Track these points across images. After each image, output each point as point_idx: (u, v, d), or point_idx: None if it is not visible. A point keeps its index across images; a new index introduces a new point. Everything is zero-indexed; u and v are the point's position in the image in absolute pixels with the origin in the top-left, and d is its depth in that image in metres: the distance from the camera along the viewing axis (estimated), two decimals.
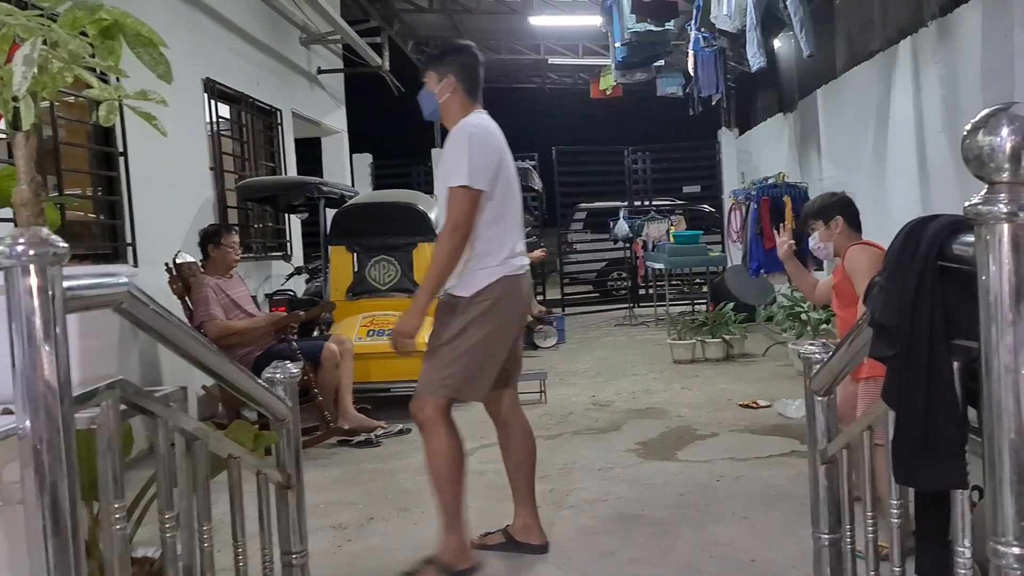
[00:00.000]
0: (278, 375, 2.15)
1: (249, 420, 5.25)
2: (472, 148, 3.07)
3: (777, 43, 8.69)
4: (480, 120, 3.24)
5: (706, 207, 13.31)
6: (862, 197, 6.93)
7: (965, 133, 1.15)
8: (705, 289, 11.17)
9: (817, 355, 2.06)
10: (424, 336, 3.28)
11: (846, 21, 7.56)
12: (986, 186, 1.15)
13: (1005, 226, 1.11)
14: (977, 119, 1.14)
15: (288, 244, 8.61)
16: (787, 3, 5.65)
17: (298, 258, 8.70)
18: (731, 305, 8.15)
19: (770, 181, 8.34)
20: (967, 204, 1.15)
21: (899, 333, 1.32)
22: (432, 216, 6.75)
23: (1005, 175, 1.11)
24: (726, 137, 11.93)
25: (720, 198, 11.98)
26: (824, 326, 6.84)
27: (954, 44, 5.26)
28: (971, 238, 1.24)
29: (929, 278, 1.29)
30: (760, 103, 11.25)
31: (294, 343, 5.31)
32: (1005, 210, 1.11)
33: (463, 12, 9.90)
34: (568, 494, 4.21)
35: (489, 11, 9.66)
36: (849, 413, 3.01)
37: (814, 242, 3.53)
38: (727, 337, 7.78)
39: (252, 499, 2.16)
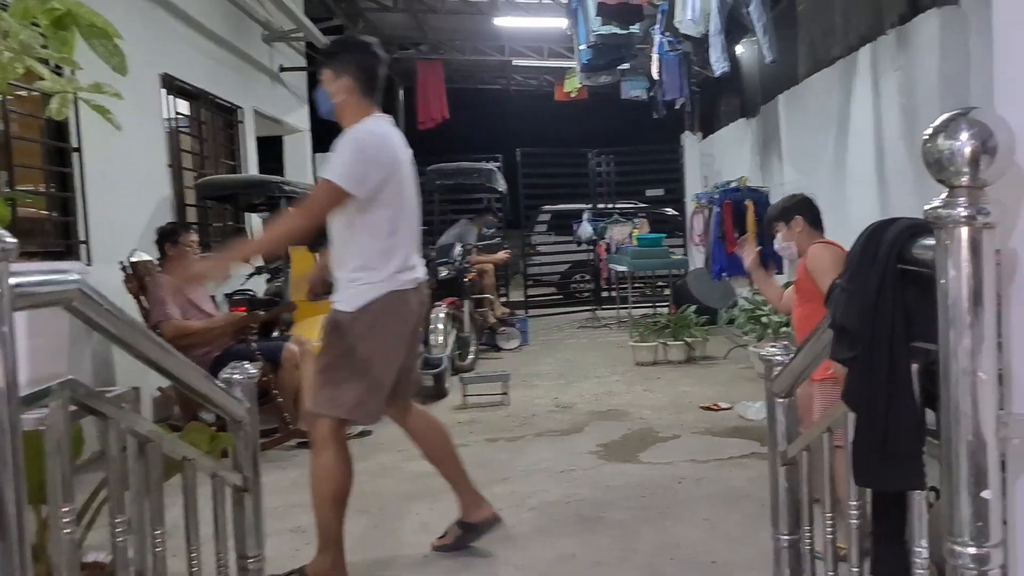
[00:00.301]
0: (236, 376, 2.11)
1: (206, 422, 5.17)
2: (356, 153, 2.98)
3: (740, 48, 8.77)
4: (376, 127, 3.13)
5: (669, 210, 13.40)
6: (823, 201, 6.99)
7: (926, 137, 1.15)
8: (667, 292, 11.24)
9: (778, 357, 2.07)
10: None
11: (808, 28, 7.65)
12: (945, 190, 1.16)
13: (964, 229, 1.12)
14: (937, 123, 1.14)
15: None
16: (750, 9, 5.70)
17: (258, 258, 8.58)
18: (693, 308, 8.20)
19: (732, 185, 8.41)
20: (927, 208, 1.16)
21: (860, 335, 1.33)
22: None
23: (964, 179, 1.12)
24: (689, 141, 12.02)
25: (683, 201, 12.07)
26: (784, 329, 6.92)
27: (913, 52, 5.35)
28: (931, 241, 1.24)
29: (889, 281, 1.30)
30: (723, 107, 11.34)
31: (253, 344, 5.24)
32: (964, 214, 1.12)
33: (428, 12, 9.86)
34: (530, 496, 4.20)
35: (454, 11, 9.63)
36: (806, 415, 3.04)
37: (778, 243, 3.59)
38: (689, 340, 7.84)
39: (209, 502, 2.12)
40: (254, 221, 8.55)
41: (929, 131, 1.15)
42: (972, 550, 1.14)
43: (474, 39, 11.30)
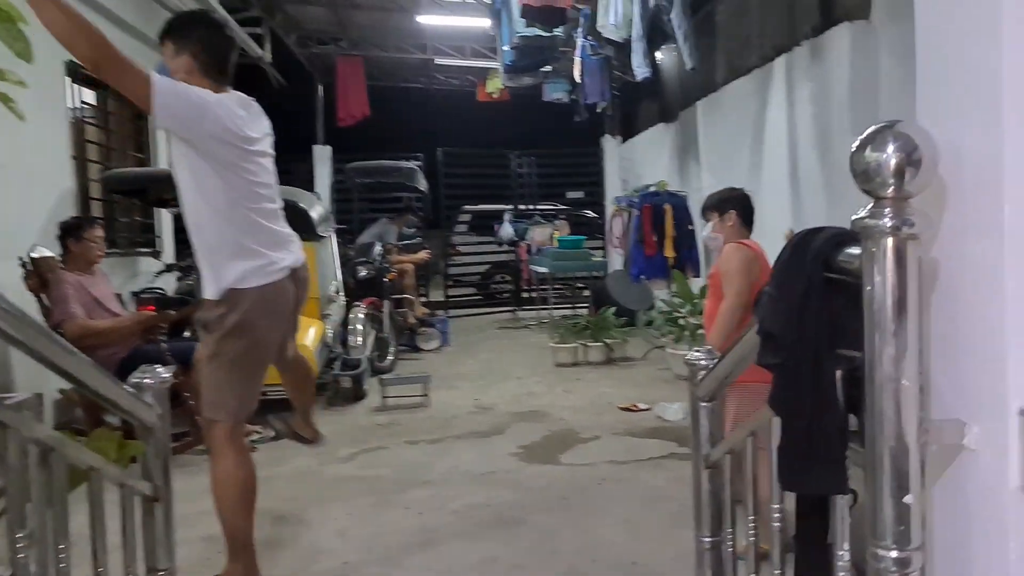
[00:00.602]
0: (146, 380, 2.01)
1: (112, 426, 4.97)
2: (183, 87, 2.74)
3: (659, 54, 8.92)
4: (228, 96, 2.91)
5: (589, 212, 13.54)
6: None
7: (853, 148, 1.17)
8: (587, 293, 11.35)
9: (703, 361, 2.09)
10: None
11: (726, 37, 7.83)
12: (870, 201, 1.18)
13: (889, 239, 1.14)
14: (865, 135, 1.16)
15: (158, 240, 8.20)
16: (671, 16, 5.79)
17: (169, 255, 8.29)
18: (613, 310, 8.29)
19: (652, 189, 8.55)
20: (854, 218, 1.18)
21: (786, 342, 1.35)
22: (314, 215, 6.58)
23: (890, 190, 1.14)
24: (609, 144, 12.17)
25: (603, 204, 12.20)
26: (700, 331, 7.07)
27: (825, 64, 5.53)
28: (855, 250, 1.27)
29: (815, 289, 1.32)
30: (642, 112, 11.52)
31: (163, 344, 5.05)
32: (890, 224, 1.14)
33: (349, 7, 9.70)
34: (451, 499, 4.17)
35: (377, 7, 9.50)
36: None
37: (707, 232, 3.64)
38: (608, 341, 7.92)
39: (116, 511, 2.01)
40: (164, 216, 8.26)
41: (856, 143, 1.17)
42: (894, 553, 1.16)
43: (396, 36, 11.19)
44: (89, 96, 6.95)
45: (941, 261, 1.23)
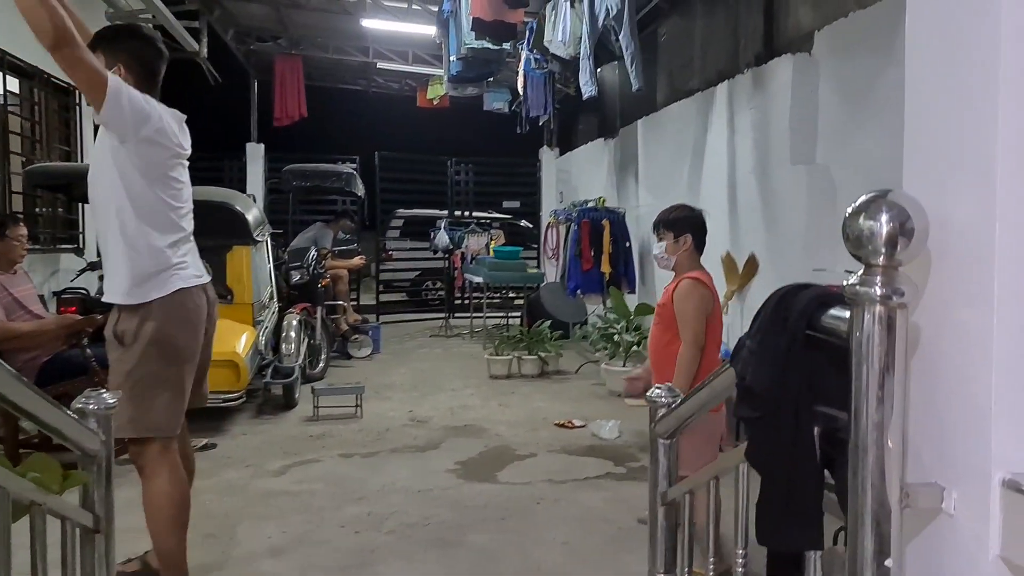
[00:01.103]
0: (91, 405, 1.91)
1: (29, 434, 4.74)
2: (130, 92, 2.76)
3: (601, 70, 9.02)
4: (162, 107, 2.93)
5: (524, 223, 13.57)
6: None
7: (847, 215, 1.18)
8: (518, 302, 11.37)
9: (664, 399, 2.10)
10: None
11: (668, 58, 7.96)
12: (862, 266, 1.19)
13: (879, 307, 1.16)
14: (858, 204, 1.17)
15: (81, 236, 7.89)
16: (619, 37, 5.85)
17: (92, 252, 7.99)
18: (548, 323, 8.32)
19: (590, 204, 8.61)
20: (845, 284, 1.19)
21: (768, 398, 1.36)
22: (250, 218, 6.42)
23: (881, 259, 1.15)
24: (547, 156, 12.24)
25: (539, 215, 12.26)
26: (635, 348, 7.15)
27: (767, 93, 5.66)
28: (840, 312, 1.28)
29: (798, 347, 1.33)
30: (582, 126, 11.63)
31: (87, 349, 4.83)
32: (880, 292, 1.15)
33: (291, 6, 9.51)
34: (388, 517, 4.10)
35: (320, 8, 9.34)
36: None
37: (659, 250, 3.51)
38: (543, 354, 7.94)
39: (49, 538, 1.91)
40: (87, 211, 7.95)
41: (850, 210, 1.18)
42: None
43: (338, 38, 11.02)
44: (13, 84, 6.64)
45: (923, 327, 1.25)
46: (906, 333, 1.17)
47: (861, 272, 1.19)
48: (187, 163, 3.07)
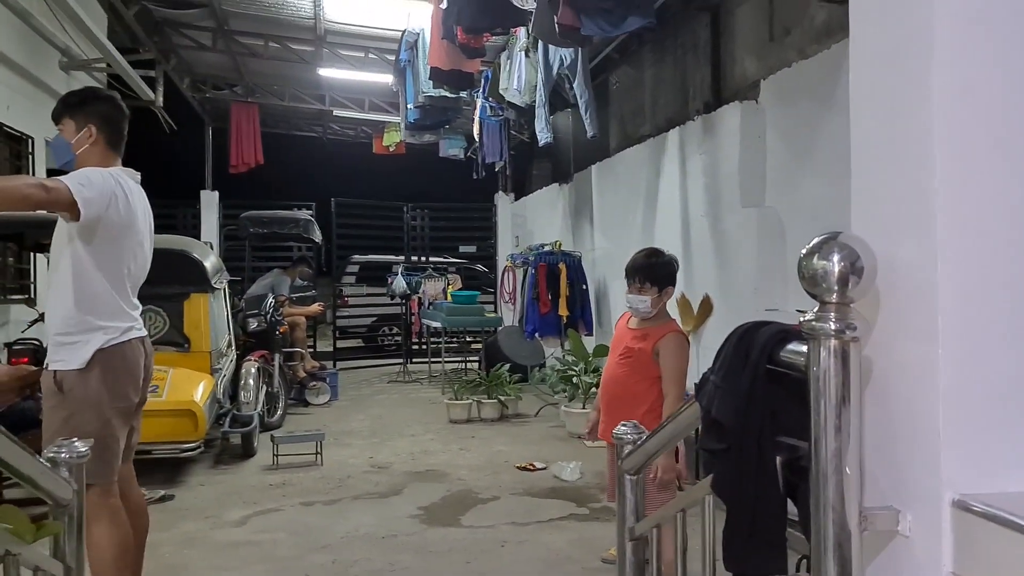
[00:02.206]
0: (63, 454, 1.91)
1: None
2: (89, 178, 2.86)
3: (554, 118, 9.21)
4: (116, 172, 3.04)
5: (480, 267, 13.66)
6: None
7: (801, 255, 1.27)
8: (477, 346, 11.40)
9: (629, 436, 2.16)
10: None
11: (620, 106, 8.18)
12: (817, 304, 1.27)
13: (833, 341, 1.24)
14: (812, 245, 1.26)
15: (32, 287, 7.75)
16: (573, 85, 6.01)
17: (44, 303, 7.85)
18: (507, 366, 8.35)
19: (547, 248, 8.73)
20: (802, 320, 1.27)
21: (732, 429, 1.43)
22: (207, 265, 6.39)
23: (834, 296, 1.24)
24: (502, 201, 12.39)
25: (495, 259, 12.36)
26: (594, 389, 7.22)
27: (716, 139, 5.85)
28: (798, 347, 1.36)
29: (760, 381, 1.41)
30: (536, 171, 11.83)
31: (42, 401, 4.75)
32: (834, 327, 1.23)
33: (247, 55, 9.58)
34: (352, 565, 4.07)
35: (277, 57, 9.42)
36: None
37: (643, 305, 3.42)
38: (502, 397, 7.96)
39: None
40: (40, 262, 7.83)
41: (804, 251, 1.26)
42: None
43: (294, 86, 11.11)
44: None
45: (874, 359, 1.33)
46: (859, 365, 1.25)
47: (816, 309, 1.27)
48: (138, 226, 3.08)
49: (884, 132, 1.33)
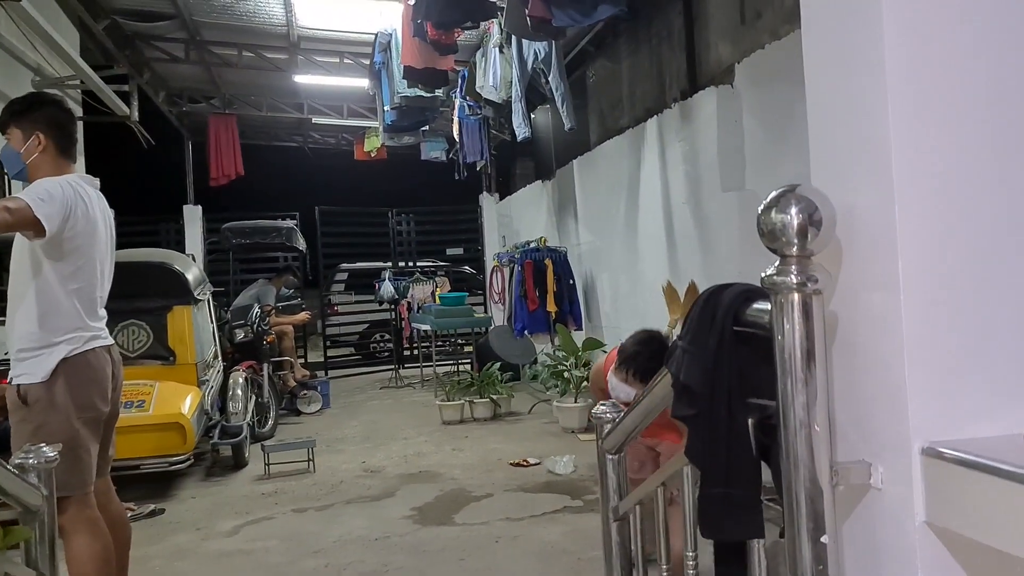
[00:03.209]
0: (31, 460, 1.88)
1: None
2: (48, 192, 2.81)
3: (534, 114, 9.20)
4: (73, 180, 2.98)
5: (468, 268, 13.63)
6: (617, 260, 7.46)
7: (760, 210, 1.25)
8: (468, 348, 11.36)
9: (608, 415, 2.14)
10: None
11: (598, 98, 8.17)
12: (777, 259, 1.26)
13: (795, 295, 1.22)
14: (769, 199, 1.24)
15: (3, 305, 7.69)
16: (549, 79, 6.00)
17: None
18: (498, 365, 8.33)
19: (532, 245, 8.71)
20: (763, 275, 1.25)
21: (702, 394, 1.41)
22: (190, 277, 6.36)
23: (794, 249, 1.22)
24: (487, 201, 12.36)
25: (482, 260, 12.34)
26: (585, 384, 7.20)
27: (694, 125, 5.85)
28: (763, 305, 1.34)
29: (727, 342, 1.39)
30: (519, 170, 11.81)
31: None
32: (795, 280, 1.21)
33: (222, 65, 9.53)
34: (345, 568, 4.04)
35: (252, 66, 9.37)
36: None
37: (624, 394, 3.13)
38: (495, 397, 7.93)
39: None
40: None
41: (762, 206, 1.25)
42: None
43: (271, 95, 11.05)
44: None
45: (838, 312, 1.31)
46: (823, 319, 1.23)
47: (777, 263, 1.25)
48: (99, 232, 3.04)
49: (838, 82, 1.31)
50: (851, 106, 1.28)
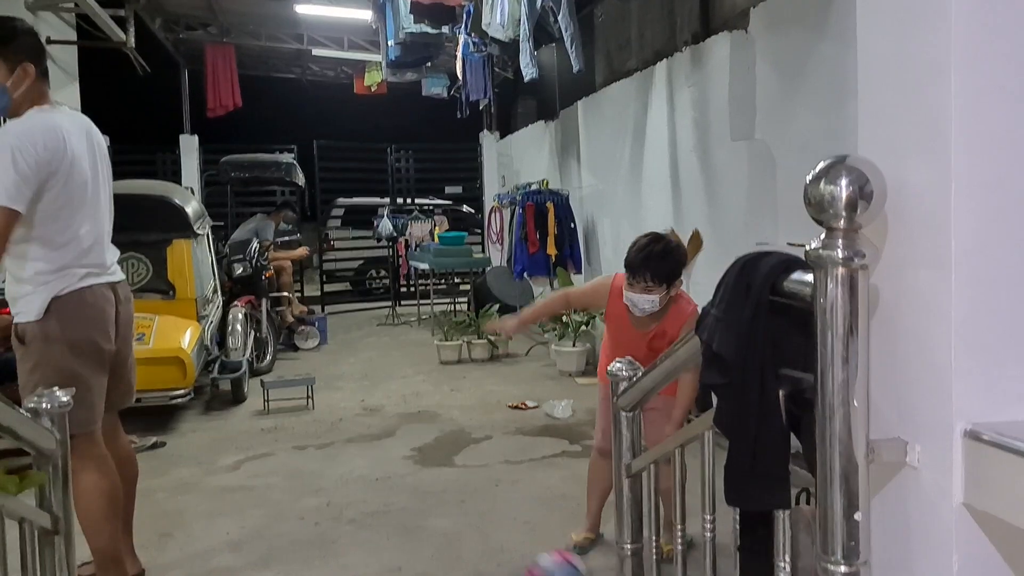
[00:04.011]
0: (44, 404, 1.86)
1: None
2: (5, 166, 2.71)
3: (537, 52, 9.00)
4: (40, 118, 2.85)
5: (467, 208, 13.53)
6: (620, 206, 7.40)
7: (808, 180, 1.21)
8: (464, 287, 11.36)
9: (624, 373, 2.13)
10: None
11: (605, 39, 8.00)
12: (823, 231, 1.22)
13: (841, 269, 1.19)
14: (819, 169, 1.20)
15: None
16: (558, 18, 5.85)
17: None
18: (496, 307, 8.33)
19: (534, 187, 8.62)
20: (808, 248, 1.22)
21: (734, 363, 1.39)
22: (189, 211, 6.29)
23: (842, 222, 1.19)
24: (488, 140, 12.20)
25: (481, 200, 12.24)
26: (584, 328, 7.22)
27: (705, 71, 5.73)
28: (803, 276, 1.32)
29: (762, 312, 1.36)
30: (521, 109, 11.61)
31: None
32: (841, 255, 1.18)
33: None
34: (347, 507, 4.08)
35: None
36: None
37: (650, 303, 3.06)
38: (492, 338, 7.95)
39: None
40: None
41: (811, 176, 1.21)
42: (844, 568, 1.22)
43: (270, 25, 10.79)
44: None
45: (881, 288, 1.29)
46: (867, 294, 1.21)
47: (823, 236, 1.22)
48: (84, 169, 2.94)
49: (895, 48, 1.26)
50: (909, 72, 1.23)
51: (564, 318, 7.34)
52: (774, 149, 5.09)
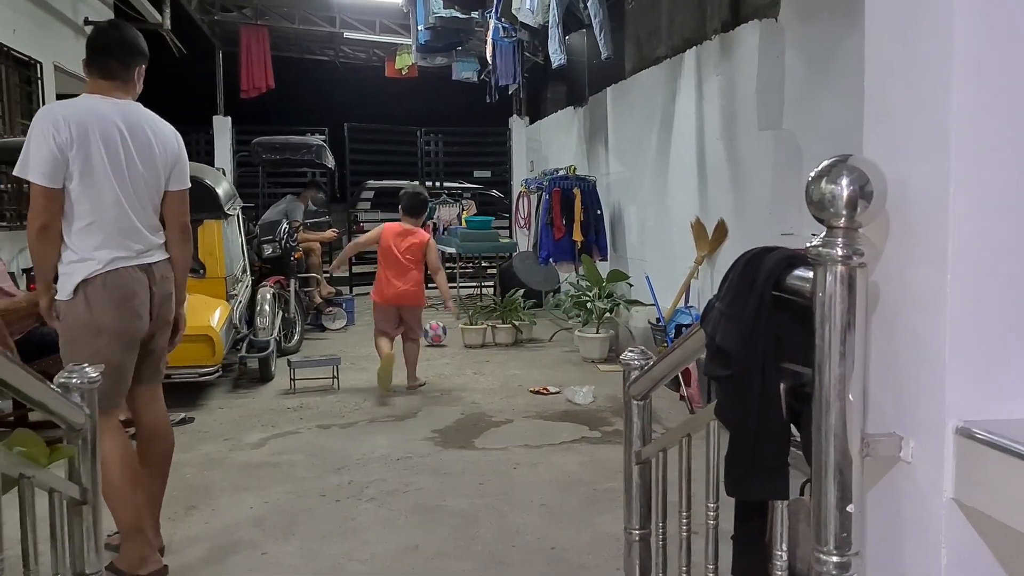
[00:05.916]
0: (74, 379, 1.94)
1: (2, 412, 4.73)
2: (28, 145, 2.88)
3: (569, 39, 8.98)
4: (68, 106, 3.03)
5: (495, 192, 13.56)
6: (645, 193, 7.40)
7: (809, 179, 1.23)
8: (491, 271, 11.41)
9: (636, 362, 2.16)
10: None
11: (635, 26, 7.97)
12: (824, 229, 1.25)
13: (840, 267, 1.22)
14: (820, 168, 1.23)
15: None
16: (588, 4, 5.85)
17: None
18: (522, 292, 8.38)
19: (561, 173, 8.63)
20: (809, 245, 1.25)
21: (737, 356, 1.42)
22: (220, 192, 6.39)
23: (842, 221, 1.21)
24: (517, 124, 12.20)
25: (509, 184, 12.27)
26: (608, 315, 7.24)
27: (734, 59, 5.70)
28: (804, 272, 1.34)
29: (766, 307, 1.39)
30: (551, 95, 11.62)
31: None
32: (841, 253, 1.21)
33: None
34: (368, 486, 4.16)
35: None
36: None
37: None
38: (517, 323, 8.00)
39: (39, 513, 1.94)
40: None
41: (812, 175, 1.23)
42: (836, 558, 1.25)
43: (304, 7, 10.87)
44: None
45: (881, 285, 1.31)
46: (866, 292, 1.23)
47: (823, 234, 1.24)
48: (115, 143, 3.04)
49: (900, 52, 1.28)
50: (913, 75, 1.25)
51: (588, 304, 7.37)
52: (801, 139, 5.07)
